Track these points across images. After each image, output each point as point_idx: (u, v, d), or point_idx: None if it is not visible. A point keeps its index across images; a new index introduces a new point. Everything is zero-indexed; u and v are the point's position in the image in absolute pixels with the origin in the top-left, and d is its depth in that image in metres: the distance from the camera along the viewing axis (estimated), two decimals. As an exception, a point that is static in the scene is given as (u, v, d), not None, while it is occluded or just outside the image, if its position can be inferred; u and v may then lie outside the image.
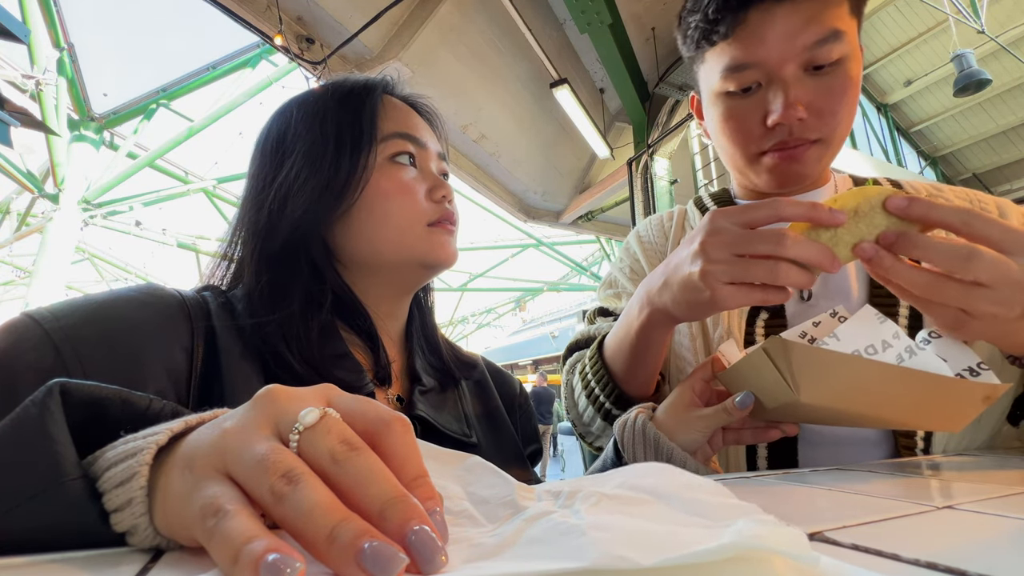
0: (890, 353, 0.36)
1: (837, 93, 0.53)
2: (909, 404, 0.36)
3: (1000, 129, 6.88)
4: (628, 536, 0.16)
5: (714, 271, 0.39)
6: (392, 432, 0.20)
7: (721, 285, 0.39)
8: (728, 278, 0.39)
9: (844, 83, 0.53)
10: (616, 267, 0.75)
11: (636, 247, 0.73)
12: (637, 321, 0.50)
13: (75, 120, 5.65)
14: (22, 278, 9.22)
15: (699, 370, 0.49)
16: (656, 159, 3.72)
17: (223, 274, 0.50)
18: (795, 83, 0.52)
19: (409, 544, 0.16)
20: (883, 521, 0.22)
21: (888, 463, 0.45)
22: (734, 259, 0.38)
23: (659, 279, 0.46)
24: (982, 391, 0.35)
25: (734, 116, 0.57)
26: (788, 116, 0.52)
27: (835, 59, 0.52)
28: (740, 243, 0.38)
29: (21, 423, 0.19)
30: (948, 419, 0.37)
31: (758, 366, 0.39)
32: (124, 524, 0.19)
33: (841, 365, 0.35)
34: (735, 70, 0.54)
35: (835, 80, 0.53)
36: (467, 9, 3.21)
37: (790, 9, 0.51)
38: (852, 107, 0.55)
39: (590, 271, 10.57)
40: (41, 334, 0.32)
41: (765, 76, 0.54)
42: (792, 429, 0.46)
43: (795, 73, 0.53)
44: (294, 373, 0.41)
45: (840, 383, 0.36)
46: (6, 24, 2.63)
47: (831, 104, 0.53)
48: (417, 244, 0.48)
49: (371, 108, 0.49)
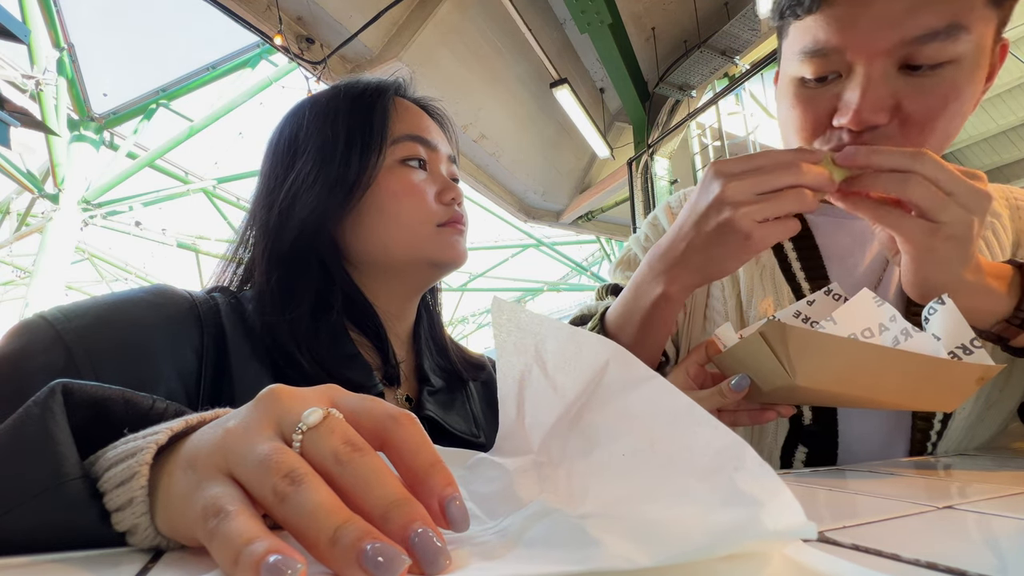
0: (886, 336, 0.36)
1: (941, 103, 0.42)
2: (905, 386, 0.37)
3: (1000, 129, 6.88)
4: (630, 532, 0.16)
5: (747, 212, 0.39)
6: (401, 426, 0.20)
7: (757, 225, 0.39)
8: (762, 215, 0.39)
9: (954, 93, 0.42)
10: (638, 244, 0.68)
11: (663, 217, 0.67)
12: (652, 293, 0.47)
13: (75, 120, 5.66)
14: (22, 278, 9.22)
15: (694, 353, 0.48)
16: (656, 159, 3.72)
17: (233, 274, 0.50)
18: (881, 81, 0.42)
19: (412, 545, 0.16)
20: (883, 521, 0.22)
21: (888, 463, 0.46)
22: (761, 198, 0.39)
23: (675, 245, 0.45)
24: (977, 372, 0.36)
25: (801, 106, 0.48)
26: (860, 120, 0.43)
27: (942, 60, 0.41)
28: (763, 182, 0.39)
29: (23, 423, 0.19)
30: (943, 400, 0.38)
31: (755, 349, 0.39)
32: (125, 524, 0.19)
33: (838, 348, 0.35)
34: (814, 54, 0.45)
35: (944, 88, 0.42)
36: (467, 9, 3.21)
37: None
38: (956, 121, 0.44)
39: (590, 271, 10.57)
40: (53, 335, 0.32)
41: (847, 67, 0.44)
42: (787, 411, 0.45)
43: (884, 68, 0.42)
44: (304, 373, 0.41)
45: (837, 366, 0.36)
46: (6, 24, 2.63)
47: (931, 114, 0.43)
48: (427, 244, 0.49)
49: (383, 109, 0.49)
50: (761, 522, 0.14)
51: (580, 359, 0.24)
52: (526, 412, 0.28)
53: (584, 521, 0.17)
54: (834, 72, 0.45)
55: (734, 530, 0.14)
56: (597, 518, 0.18)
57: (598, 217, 5.38)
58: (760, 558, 0.14)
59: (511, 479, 0.24)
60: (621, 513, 0.18)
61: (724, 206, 0.40)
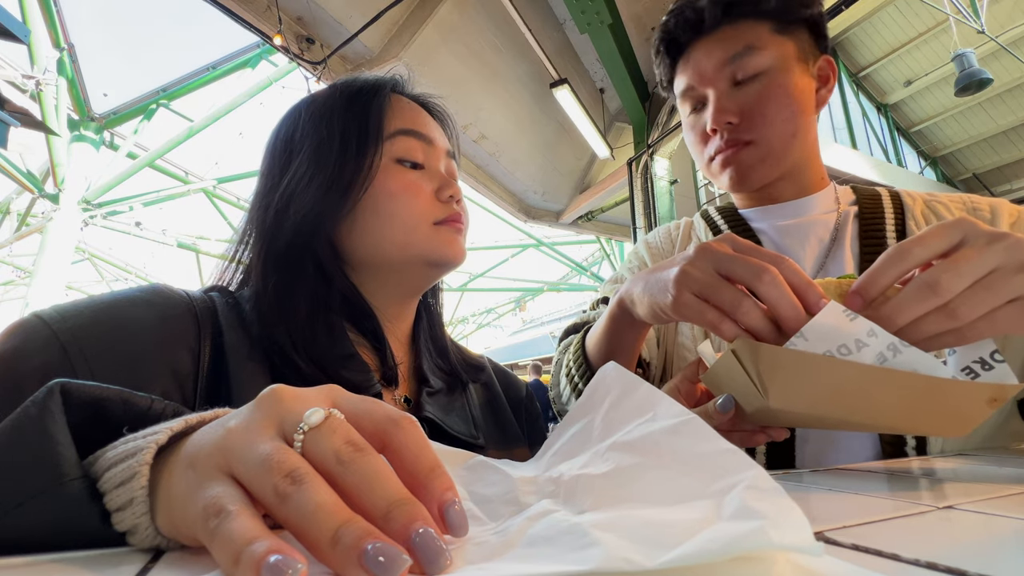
0: (867, 353, 0.32)
1: (764, 98, 0.61)
2: (898, 408, 0.33)
3: (1000, 129, 6.88)
4: (631, 534, 0.16)
5: (686, 279, 0.38)
6: (401, 429, 0.20)
7: (686, 292, 0.38)
8: (696, 288, 0.38)
9: (770, 90, 0.61)
10: (624, 267, 0.80)
11: (644, 251, 0.78)
12: (607, 311, 0.52)
13: (75, 120, 5.66)
14: (22, 278, 9.22)
15: (686, 370, 0.49)
16: (656, 159, 3.72)
17: (232, 275, 0.49)
18: (723, 95, 0.62)
19: (413, 545, 0.16)
20: (883, 521, 0.22)
21: (888, 463, 0.45)
22: (712, 275, 0.37)
23: (641, 275, 0.46)
24: (987, 392, 0.31)
25: (691, 131, 0.68)
26: (718, 120, 0.62)
27: (755, 71, 0.61)
28: (723, 262, 0.37)
29: (21, 423, 0.19)
30: (947, 424, 0.33)
31: (730, 369, 0.36)
32: (125, 524, 0.19)
33: (812, 367, 0.32)
34: (685, 93, 0.67)
35: (761, 87, 0.61)
36: (467, 9, 3.21)
37: (712, 39, 0.63)
38: (784, 111, 0.61)
39: (590, 271, 10.57)
40: (49, 334, 0.32)
41: (702, 95, 0.65)
42: (780, 434, 0.44)
43: (723, 88, 0.63)
44: (301, 374, 0.41)
45: (813, 387, 0.33)
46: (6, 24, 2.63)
47: (759, 108, 0.61)
48: (423, 242, 0.48)
49: (378, 106, 0.49)
50: (767, 535, 0.13)
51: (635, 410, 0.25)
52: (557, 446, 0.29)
53: (585, 522, 0.17)
54: (699, 102, 0.66)
55: (738, 539, 0.14)
56: (599, 520, 0.18)
57: (598, 217, 5.37)
58: (761, 560, 0.14)
59: (513, 484, 0.24)
60: (623, 516, 0.18)
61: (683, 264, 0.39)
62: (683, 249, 0.73)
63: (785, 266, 0.35)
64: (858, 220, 0.64)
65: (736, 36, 0.62)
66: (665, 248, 0.76)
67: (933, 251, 0.32)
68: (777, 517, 0.14)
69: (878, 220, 0.63)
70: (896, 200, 0.65)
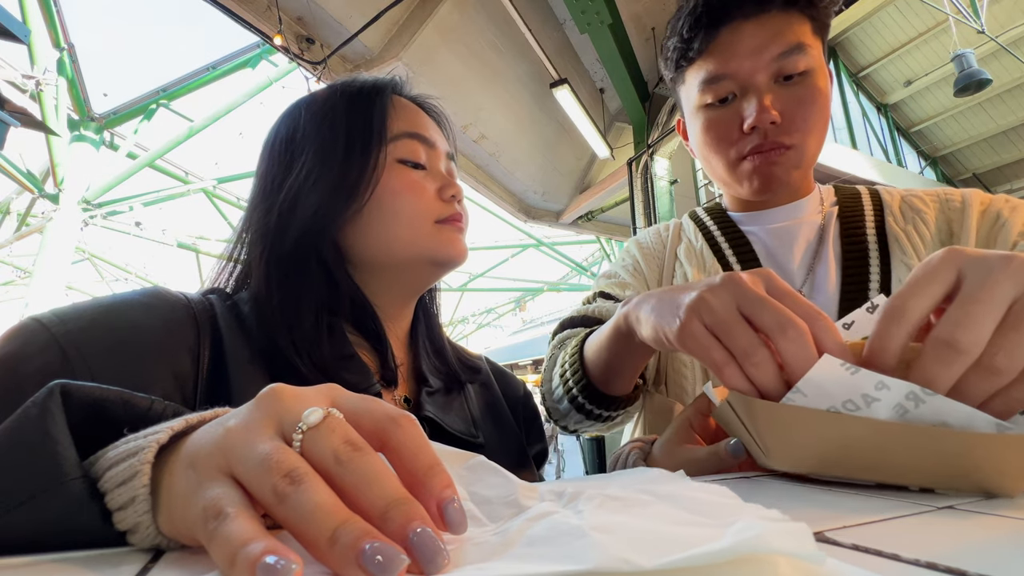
0: (880, 408, 0.28)
1: (807, 102, 0.58)
2: (931, 467, 0.27)
3: (1000, 129, 6.88)
4: (630, 537, 0.16)
5: (702, 306, 0.34)
6: (400, 427, 0.20)
7: (696, 321, 0.34)
8: (709, 320, 0.33)
9: (813, 93, 0.58)
10: (616, 264, 0.78)
11: (636, 250, 0.76)
12: (612, 322, 0.48)
13: (75, 120, 5.65)
14: (22, 278, 9.21)
15: (697, 402, 0.45)
16: (656, 159, 3.72)
17: (228, 277, 0.49)
18: (767, 90, 0.58)
19: (411, 545, 0.16)
20: (883, 521, 0.22)
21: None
22: (731, 311, 0.33)
23: (653, 294, 0.43)
24: None
25: (714, 125, 0.61)
26: (762, 119, 0.57)
27: (802, 70, 0.57)
28: (749, 301, 0.32)
29: (21, 424, 0.19)
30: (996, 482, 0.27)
31: (729, 419, 0.33)
32: (127, 523, 0.19)
33: (816, 425, 0.28)
34: (711, 82, 0.60)
35: (804, 90, 0.58)
36: (467, 9, 3.21)
37: (756, 25, 0.57)
38: (822, 118, 0.59)
39: (590, 271, 10.56)
40: (48, 338, 0.32)
41: (739, 86, 0.59)
42: None
43: (766, 82, 0.58)
44: (300, 375, 0.41)
45: (820, 446, 0.29)
46: (6, 24, 2.63)
47: (802, 111, 0.58)
48: (426, 241, 0.48)
49: (381, 108, 0.49)
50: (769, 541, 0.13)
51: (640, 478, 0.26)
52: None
53: (585, 523, 0.17)
54: (730, 93, 0.59)
55: (740, 543, 0.13)
56: (599, 522, 0.18)
57: (598, 217, 5.37)
58: (764, 560, 0.14)
59: (514, 487, 0.24)
60: (625, 521, 0.18)
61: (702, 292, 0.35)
62: (673, 250, 0.72)
63: (820, 325, 0.31)
64: (839, 220, 0.64)
65: (784, 28, 0.57)
66: (656, 248, 0.74)
67: (933, 297, 0.28)
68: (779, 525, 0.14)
69: (858, 219, 0.63)
70: (875, 198, 0.66)
